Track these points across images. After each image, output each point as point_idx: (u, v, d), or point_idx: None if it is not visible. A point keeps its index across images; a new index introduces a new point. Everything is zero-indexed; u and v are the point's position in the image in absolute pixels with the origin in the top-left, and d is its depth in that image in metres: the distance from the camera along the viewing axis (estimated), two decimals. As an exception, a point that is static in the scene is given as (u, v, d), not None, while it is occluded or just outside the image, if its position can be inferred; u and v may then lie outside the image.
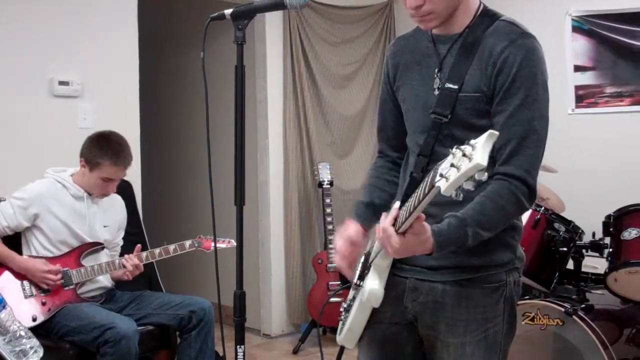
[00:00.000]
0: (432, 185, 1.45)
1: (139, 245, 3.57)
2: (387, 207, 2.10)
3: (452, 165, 1.35)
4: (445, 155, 1.79)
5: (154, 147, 5.52)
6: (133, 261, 3.45)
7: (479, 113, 1.81)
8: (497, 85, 1.77)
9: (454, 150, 1.37)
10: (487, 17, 1.87)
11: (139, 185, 4.46)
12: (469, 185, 1.33)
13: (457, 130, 1.83)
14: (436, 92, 1.87)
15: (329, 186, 5.06)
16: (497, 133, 1.34)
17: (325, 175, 5.09)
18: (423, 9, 1.79)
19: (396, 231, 1.67)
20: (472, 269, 1.84)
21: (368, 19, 5.63)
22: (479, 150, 1.31)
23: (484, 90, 1.79)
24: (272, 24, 5.20)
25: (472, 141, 1.35)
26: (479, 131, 1.80)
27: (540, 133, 1.78)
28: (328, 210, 4.99)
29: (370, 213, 2.05)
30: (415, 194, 1.58)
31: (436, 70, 1.88)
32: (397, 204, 1.84)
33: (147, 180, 4.71)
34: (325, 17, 5.40)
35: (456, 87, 1.80)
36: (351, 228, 1.99)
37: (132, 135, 4.12)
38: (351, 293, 2.06)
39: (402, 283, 1.93)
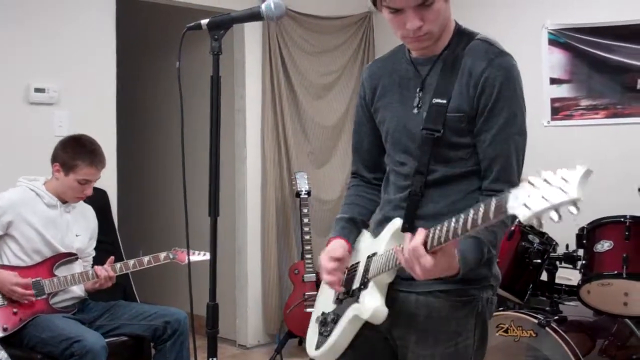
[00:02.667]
0: (502, 211, 1.44)
1: (112, 257, 3.55)
2: (367, 224, 2.11)
3: (542, 197, 1.35)
4: (444, 172, 1.86)
5: (130, 155, 5.49)
6: (106, 272, 3.43)
7: (460, 132, 1.85)
8: (480, 105, 1.81)
9: (532, 179, 1.38)
10: (463, 35, 1.90)
11: (114, 194, 4.44)
12: (554, 216, 1.35)
13: (444, 149, 1.86)
14: (415, 111, 1.89)
15: (306, 196, 5.06)
16: (592, 170, 1.36)
17: (303, 184, 5.09)
18: (422, 30, 1.81)
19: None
20: (446, 281, 1.84)
21: (347, 29, 5.65)
22: (574, 184, 1.33)
23: (466, 110, 1.83)
24: (251, 33, 5.20)
25: (562, 173, 1.36)
26: (462, 149, 1.85)
27: (523, 149, 1.88)
28: (305, 220, 4.99)
29: (353, 228, 2.07)
30: (463, 218, 1.56)
31: (417, 90, 1.90)
32: (399, 220, 1.89)
33: (123, 188, 4.69)
34: (305, 26, 5.41)
35: (445, 101, 1.83)
36: (336, 244, 2.00)
37: (108, 144, 4.11)
38: (330, 305, 2.04)
39: None
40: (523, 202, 1.38)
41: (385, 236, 1.92)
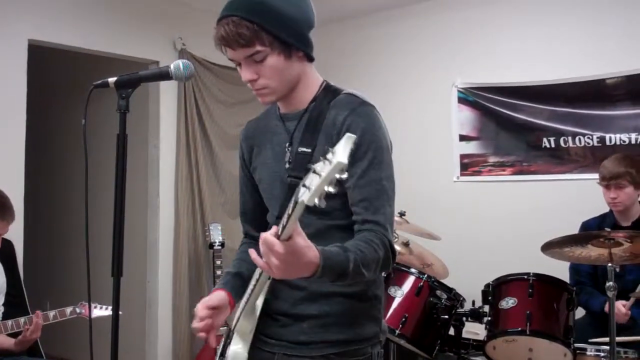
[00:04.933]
0: (296, 202, 1.40)
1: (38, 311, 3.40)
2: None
3: (314, 172, 1.34)
4: (318, 226, 1.84)
5: (39, 206, 5.35)
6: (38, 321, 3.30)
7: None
8: None
9: (312, 166, 1.36)
10: (330, 91, 1.92)
11: (21, 245, 4.30)
12: (331, 188, 1.33)
13: None
14: (287, 166, 1.90)
15: (220, 247, 5.02)
16: (354, 136, 1.34)
17: (216, 236, 5.05)
18: (258, 83, 1.84)
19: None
20: (340, 343, 1.85)
21: (263, 81, 5.68)
22: (339, 151, 1.32)
23: None
24: (167, 83, 5.19)
25: (331, 149, 1.36)
26: (330, 199, 1.81)
27: (389, 192, 1.82)
28: (218, 272, 4.94)
29: (237, 282, 2.04)
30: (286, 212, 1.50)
31: (287, 145, 1.92)
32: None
33: (31, 240, 4.55)
34: (221, 78, 5.43)
35: (309, 150, 1.84)
36: (215, 294, 1.98)
37: (16, 193, 3.99)
38: None
39: (270, 358, 1.92)
40: (304, 184, 1.37)
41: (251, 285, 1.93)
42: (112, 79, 2.00)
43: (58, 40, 4.61)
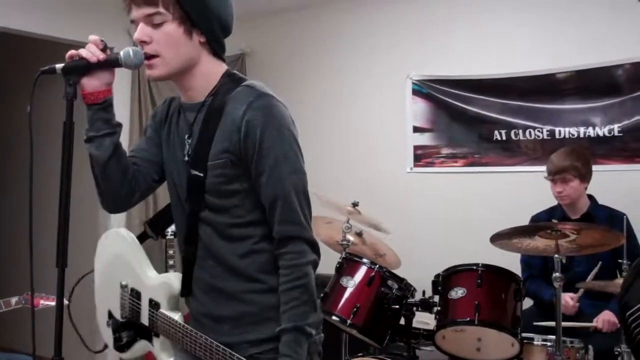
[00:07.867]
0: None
1: None
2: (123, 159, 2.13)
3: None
4: (211, 238, 1.86)
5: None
6: None
7: (229, 178, 1.81)
8: (247, 149, 1.78)
9: None
10: (232, 81, 1.87)
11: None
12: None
13: (213, 197, 1.83)
14: (186, 159, 1.89)
15: (172, 237, 4.97)
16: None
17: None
18: (149, 48, 1.80)
19: None
20: (261, 342, 1.84)
21: (219, 70, 5.64)
22: None
23: (229, 156, 1.80)
24: (120, 70, 5.09)
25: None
26: (231, 196, 1.81)
27: (300, 186, 1.81)
28: (171, 262, 4.91)
29: (116, 137, 2.13)
30: None
31: (187, 136, 1.90)
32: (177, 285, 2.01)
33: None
34: (175, 66, 5.37)
35: (208, 146, 1.82)
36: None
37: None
38: (117, 312, 2.28)
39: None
40: None
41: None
42: (59, 65, 1.98)
43: (7, 25, 4.51)
